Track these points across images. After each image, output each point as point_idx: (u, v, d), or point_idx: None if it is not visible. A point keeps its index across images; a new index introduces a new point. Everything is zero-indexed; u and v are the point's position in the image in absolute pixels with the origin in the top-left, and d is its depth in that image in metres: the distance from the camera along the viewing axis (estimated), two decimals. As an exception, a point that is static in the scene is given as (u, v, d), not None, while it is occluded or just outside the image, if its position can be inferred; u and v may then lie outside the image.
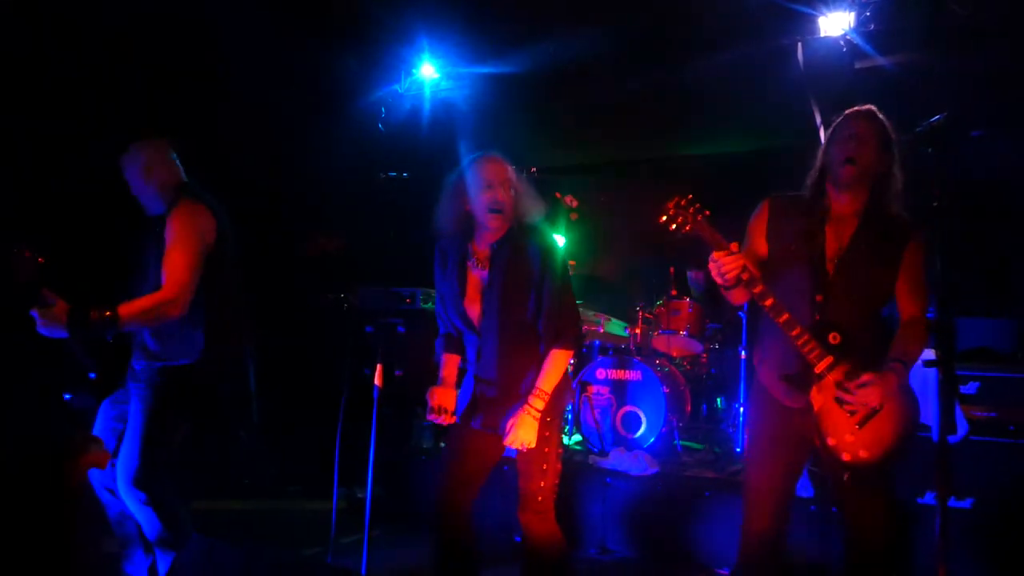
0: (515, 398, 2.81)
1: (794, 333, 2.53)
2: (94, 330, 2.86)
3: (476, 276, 2.93)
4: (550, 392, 2.79)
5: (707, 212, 2.63)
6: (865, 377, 2.46)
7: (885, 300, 2.67)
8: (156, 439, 3.09)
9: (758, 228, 2.83)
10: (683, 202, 2.63)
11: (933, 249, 2.34)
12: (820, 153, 2.76)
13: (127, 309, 2.90)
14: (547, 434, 2.83)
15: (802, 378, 2.58)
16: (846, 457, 2.51)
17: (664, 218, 2.66)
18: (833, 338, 2.55)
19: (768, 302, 2.55)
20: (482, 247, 2.95)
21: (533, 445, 2.76)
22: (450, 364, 3.07)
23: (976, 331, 5.26)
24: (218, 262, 3.19)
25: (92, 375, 3.09)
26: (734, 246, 2.57)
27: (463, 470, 2.94)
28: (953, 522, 2.61)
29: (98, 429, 3.30)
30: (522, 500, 2.87)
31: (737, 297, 2.71)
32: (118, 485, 3.09)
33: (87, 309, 2.83)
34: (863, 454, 2.50)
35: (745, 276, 2.51)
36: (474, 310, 2.91)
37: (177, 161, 3.35)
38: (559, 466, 2.89)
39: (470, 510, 2.95)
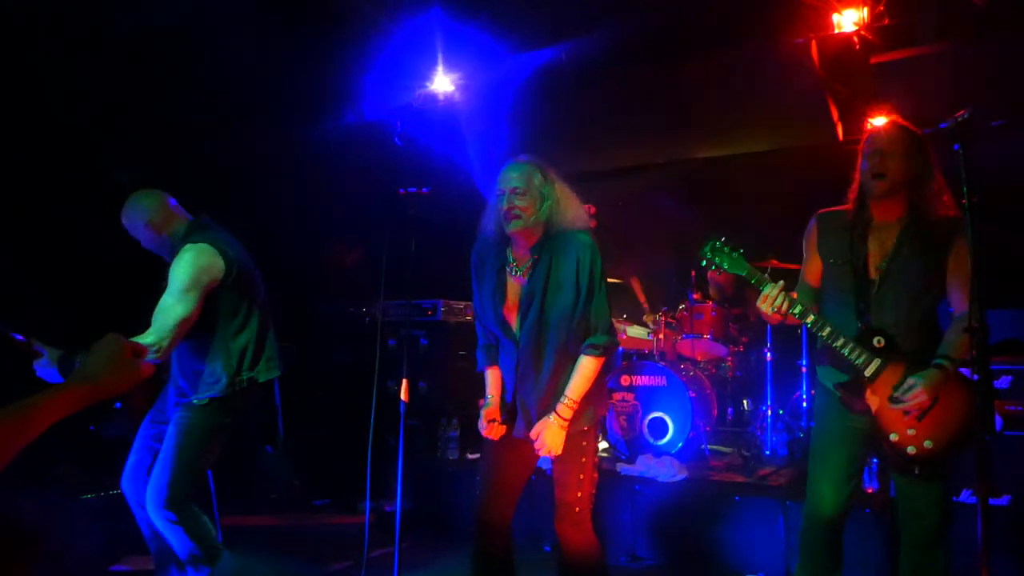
0: (556, 400, 2.79)
1: (839, 344, 2.68)
2: None
3: (516, 283, 2.89)
4: (578, 400, 2.77)
5: (742, 250, 2.82)
6: (910, 382, 2.59)
7: (934, 301, 2.75)
8: (186, 467, 3.14)
9: (811, 245, 2.96)
10: (718, 244, 2.84)
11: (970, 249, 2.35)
12: (856, 168, 2.84)
13: None
14: (583, 443, 2.83)
15: (855, 383, 2.72)
16: (912, 451, 2.63)
17: (704, 262, 2.87)
18: (878, 342, 2.68)
19: (809, 319, 2.72)
20: (521, 253, 2.90)
21: (559, 452, 2.75)
22: (495, 379, 3.01)
23: (1004, 322, 5.18)
24: (231, 295, 3.21)
25: (118, 404, 3.12)
26: (781, 285, 2.72)
27: (503, 480, 2.93)
28: (991, 520, 2.61)
29: (136, 447, 3.34)
30: (559, 510, 2.85)
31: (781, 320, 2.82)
32: (147, 506, 3.13)
33: (74, 355, 2.86)
34: (929, 445, 2.61)
35: (787, 307, 2.69)
36: (513, 317, 2.88)
37: (175, 206, 3.33)
38: (596, 476, 2.89)
39: (510, 522, 2.95)
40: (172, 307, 3.01)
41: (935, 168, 2.71)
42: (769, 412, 5.48)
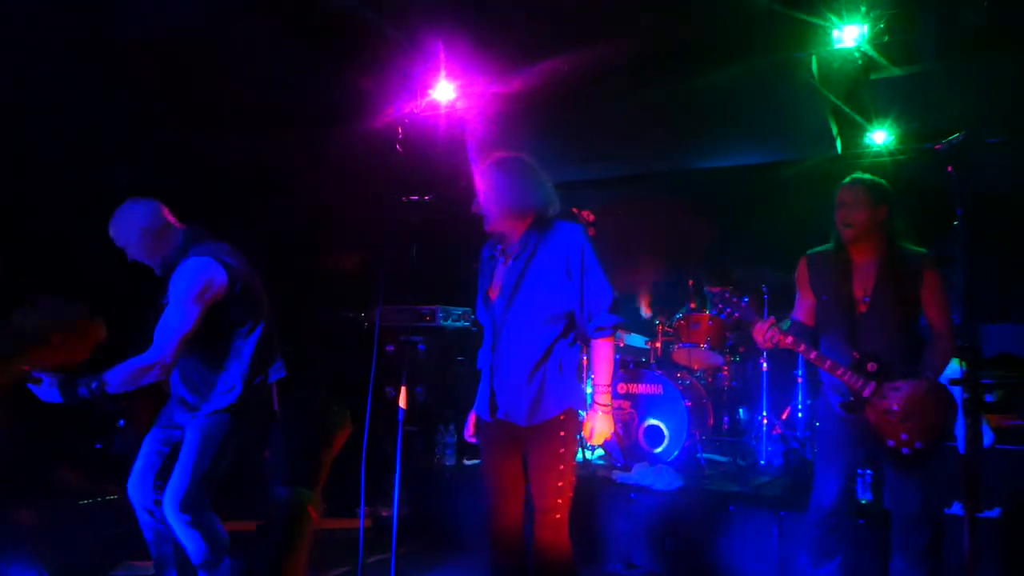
0: (530, 387, 2.83)
1: (839, 373, 3.12)
2: (87, 398, 2.93)
3: (501, 269, 2.98)
4: (608, 383, 2.93)
5: (747, 297, 3.29)
6: (898, 383, 3.04)
7: (915, 325, 3.18)
8: (205, 472, 3.19)
9: (802, 281, 3.40)
10: (727, 295, 3.29)
11: (950, 276, 2.68)
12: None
13: (112, 374, 2.94)
14: (562, 450, 2.84)
15: (856, 403, 3.14)
16: (906, 451, 3.04)
17: (715, 311, 3.48)
18: (871, 367, 3.09)
19: (812, 355, 3.16)
20: (510, 243, 2.97)
21: (610, 437, 2.95)
22: None
23: (999, 337, 5.22)
24: (238, 306, 3.22)
25: (121, 422, 3.15)
26: (771, 320, 3.19)
27: (502, 477, 2.95)
28: (981, 532, 2.73)
29: (144, 452, 3.36)
30: (538, 516, 2.85)
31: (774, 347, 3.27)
32: (165, 509, 3.18)
33: (75, 380, 2.90)
34: (920, 446, 3.02)
35: (779, 338, 3.15)
36: (494, 301, 2.96)
37: (170, 219, 3.29)
38: (574, 479, 2.89)
39: (520, 521, 2.96)
40: (175, 322, 3.02)
41: (895, 216, 3.19)
42: (765, 422, 5.51)
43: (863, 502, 4.06)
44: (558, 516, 2.82)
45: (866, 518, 3.89)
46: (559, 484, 2.82)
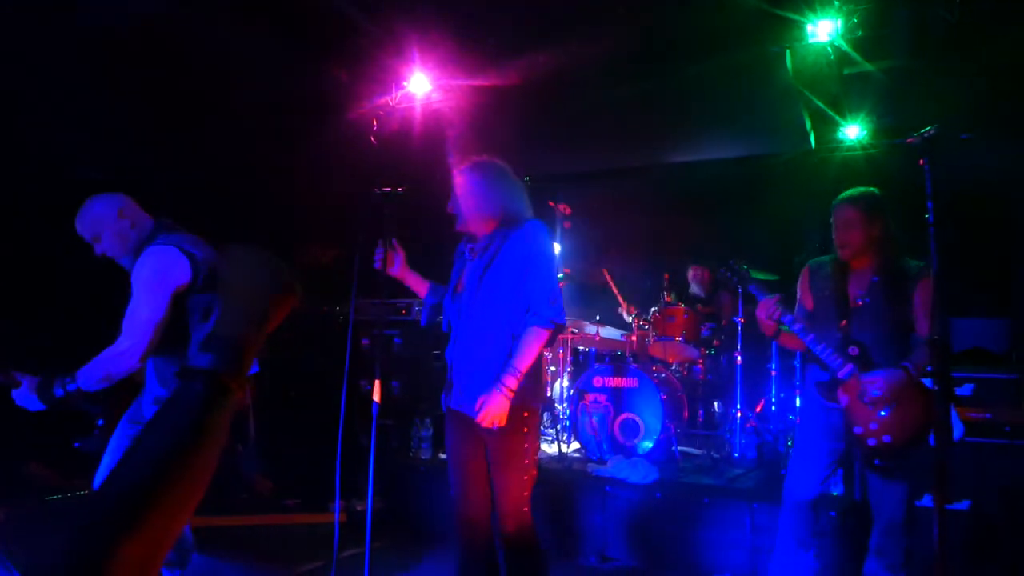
0: (488, 382, 2.80)
1: (819, 348, 3.18)
2: (64, 398, 2.87)
3: (469, 267, 3.05)
4: (523, 371, 2.78)
5: (745, 266, 3.52)
6: (876, 372, 3.08)
7: (905, 328, 3.21)
8: None
9: (803, 286, 3.51)
10: (735, 266, 3.53)
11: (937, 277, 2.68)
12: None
13: (85, 371, 2.88)
14: (525, 430, 2.84)
15: (832, 382, 3.20)
16: (872, 442, 3.08)
17: (721, 278, 3.58)
18: (853, 351, 3.17)
19: (798, 326, 3.22)
20: (478, 241, 3.07)
21: (503, 424, 2.74)
22: None
23: (970, 331, 5.29)
24: (202, 297, 3.12)
25: (100, 422, 3.07)
26: (777, 296, 3.28)
27: (465, 466, 2.98)
28: (950, 524, 2.74)
29: (112, 447, 3.27)
30: (503, 510, 2.85)
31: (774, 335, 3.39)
32: None
33: (51, 381, 2.84)
34: (887, 440, 3.05)
35: (779, 312, 3.23)
36: (460, 297, 3.04)
37: (139, 211, 3.21)
38: (535, 472, 2.90)
39: (486, 510, 2.96)
40: (141, 309, 2.95)
41: (891, 225, 3.25)
42: (739, 415, 5.55)
43: (835, 495, 4.10)
44: (525, 509, 2.84)
45: (838, 511, 3.92)
46: (523, 478, 2.83)
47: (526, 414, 2.84)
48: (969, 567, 3.59)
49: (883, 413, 3.06)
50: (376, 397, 3.28)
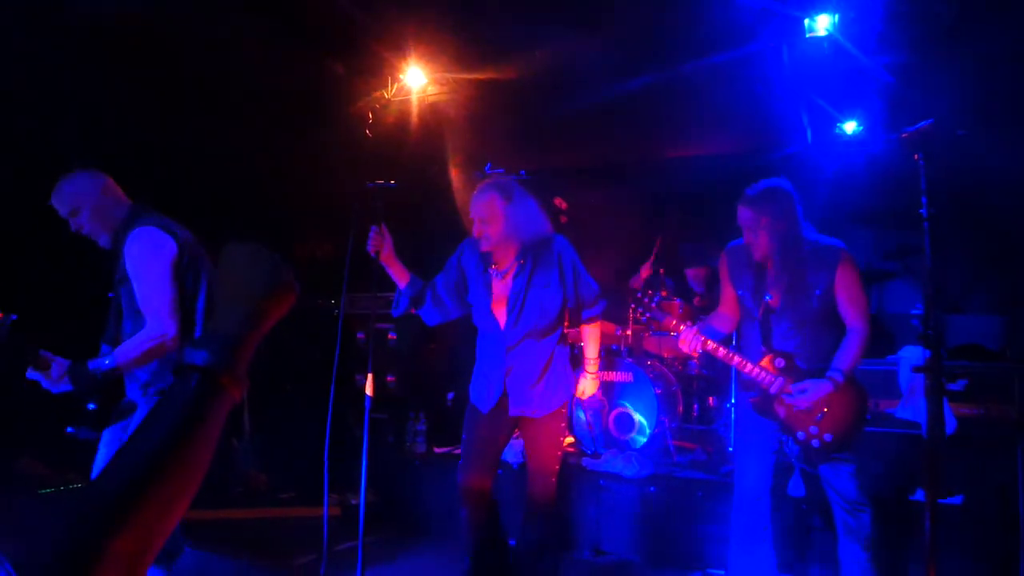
0: (541, 388, 3.37)
1: (747, 370, 3.23)
2: (98, 381, 2.89)
3: (500, 284, 3.38)
4: (598, 356, 3.62)
5: (659, 296, 3.63)
6: (803, 385, 3.12)
7: (830, 320, 3.19)
8: None
9: (724, 275, 3.49)
10: (638, 295, 3.59)
11: (914, 265, 2.61)
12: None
13: (122, 355, 2.89)
14: (562, 435, 3.47)
15: (766, 400, 3.24)
16: (816, 444, 3.15)
17: (632, 306, 3.67)
18: (779, 363, 3.21)
19: (720, 353, 3.28)
20: (501, 259, 3.37)
21: (592, 393, 3.62)
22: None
23: (964, 328, 5.29)
24: (186, 276, 3.10)
25: (92, 406, 3.06)
26: (694, 329, 3.33)
27: (483, 449, 3.42)
28: (943, 519, 2.74)
29: (106, 440, 3.24)
30: (539, 480, 3.41)
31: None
32: None
33: (85, 363, 2.85)
34: (828, 437, 3.14)
35: (701, 345, 3.29)
36: (500, 313, 3.38)
37: (113, 189, 3.17)
38: (564, 448, 3.56)
39: (490, 488, 3.43)
40: (155, 292, 2.93)
41: (798, 215, 3.18)
42: (733, 410, 5.54)
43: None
44: (553, 480, 3.43)
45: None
46: (558, 454, 3.46)
47: (563, 409, 3.45)
48: (962, 562, 3.60)
49: (820, 417, 3.14)
50: (369, 391, 3.29)
